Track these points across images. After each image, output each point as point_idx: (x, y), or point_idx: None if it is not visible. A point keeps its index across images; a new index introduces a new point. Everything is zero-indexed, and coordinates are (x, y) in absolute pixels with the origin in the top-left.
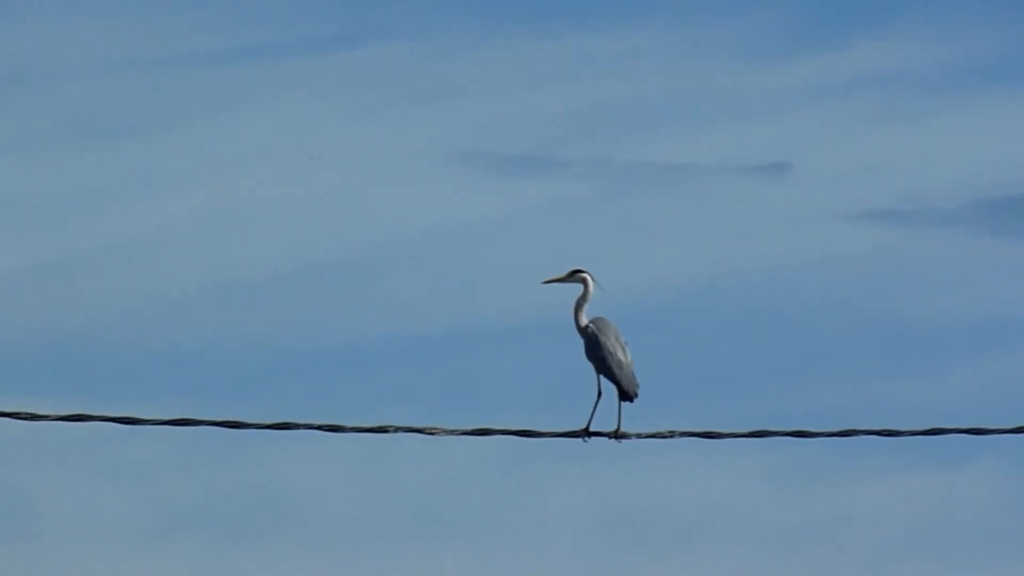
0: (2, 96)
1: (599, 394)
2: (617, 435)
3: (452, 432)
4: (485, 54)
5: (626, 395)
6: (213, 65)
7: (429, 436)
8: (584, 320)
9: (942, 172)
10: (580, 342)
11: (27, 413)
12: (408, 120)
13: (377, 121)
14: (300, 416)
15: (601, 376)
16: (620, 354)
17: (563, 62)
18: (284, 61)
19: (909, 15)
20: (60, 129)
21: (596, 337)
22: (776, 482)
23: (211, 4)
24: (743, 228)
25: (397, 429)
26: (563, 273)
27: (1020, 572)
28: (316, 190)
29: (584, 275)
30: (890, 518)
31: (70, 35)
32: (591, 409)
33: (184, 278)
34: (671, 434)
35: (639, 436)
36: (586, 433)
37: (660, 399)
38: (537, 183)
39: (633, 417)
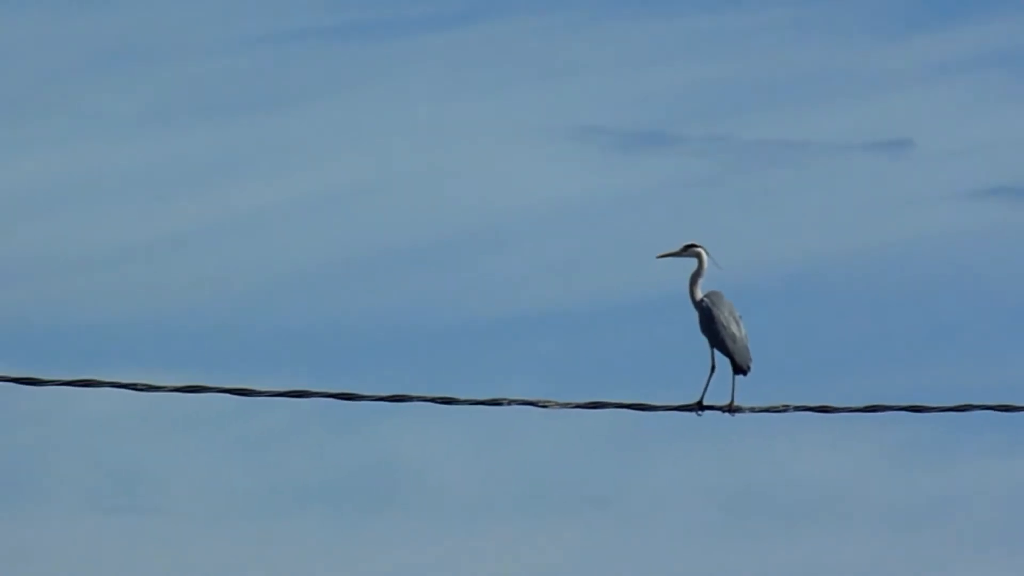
0: (123, 74)
1: (713, 368)
2: (731, 409)
3: (565, 405)
4: (607, 31)
5: (739, 368)
6: (337, 41)
7: (543, 409)
8: (699, 294)
9: None
10: (695, 317)
11: (144, 384)
12: (529, 97)
13: (499, 97)
14: (415, 389)
15: (715, 350)
16: (734, 328)
17: (684, 39)
18: (407, 37)
19: None
20: (177, 106)
21: (710, 311)
22: (892, 458)
23: None
24: (863, 205)
25: (511, 402)
26: (678, 247)
27: None
28: (435, 167)
29: (699, 249)
30: (1007, 496)
31: (194, 12)
32: (705, 383)
33: (301, 253)
34: (785, 408)
35: (753, 410)
36: (700, 407)
37: (775, 374)
38: (657, 160)
39: (747, 391)
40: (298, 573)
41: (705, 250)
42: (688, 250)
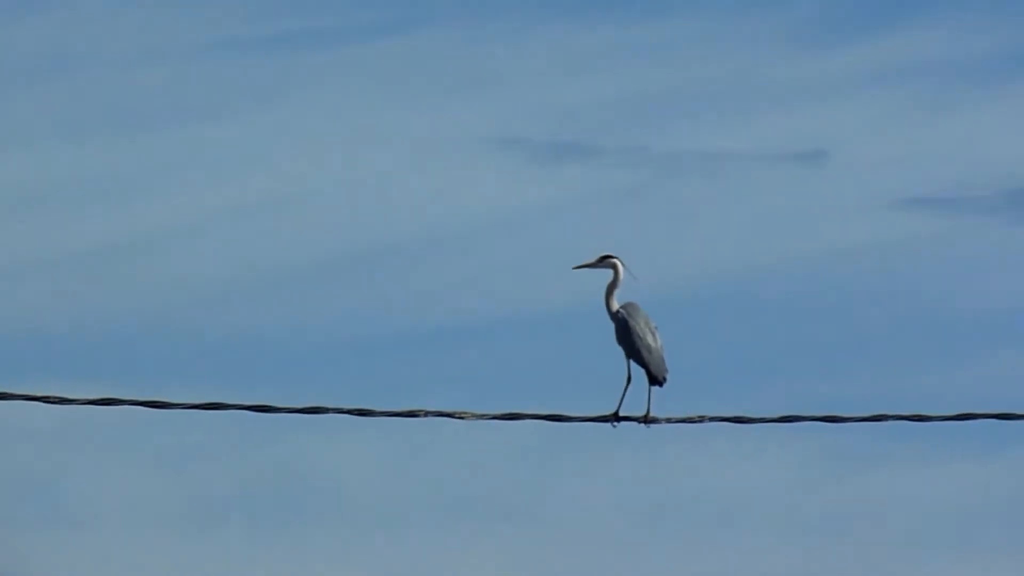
0: (49, 83)
1: (629, 379)
2: (647, 420)
3: (482, 416)
4: (528, 43)
5: (655, 379)
6: (263, 51)
7: (459, 420)
8: (615, 305)
9: (980, 161)
10: (611, 328)
11: (56, 397)
12: (450, 108)
13: (419, 108)
14: (330, 401)
15: (631, 361)
16: (650, 339)
17: (604, 51)
18: (331, 48)
19: (948, 4)
20: (101, 117)
21: (626, 321)
22: (807, 468)
23: None
24: (780, 216)
25: (427, 413)
26: (593, 258)
27: None
28: (354, 178)
29: (614, 260)
30: (921, 505)
31: (122, 23)
32: (621, 394)
33: (217, 265)
34: (701, 419)
35: (669, 421)
36: (615, 418)
37: (691, 385)
38: (577, 171)
39: (663, 402)
40: None
41: (621, 261)
42: (604, 261)
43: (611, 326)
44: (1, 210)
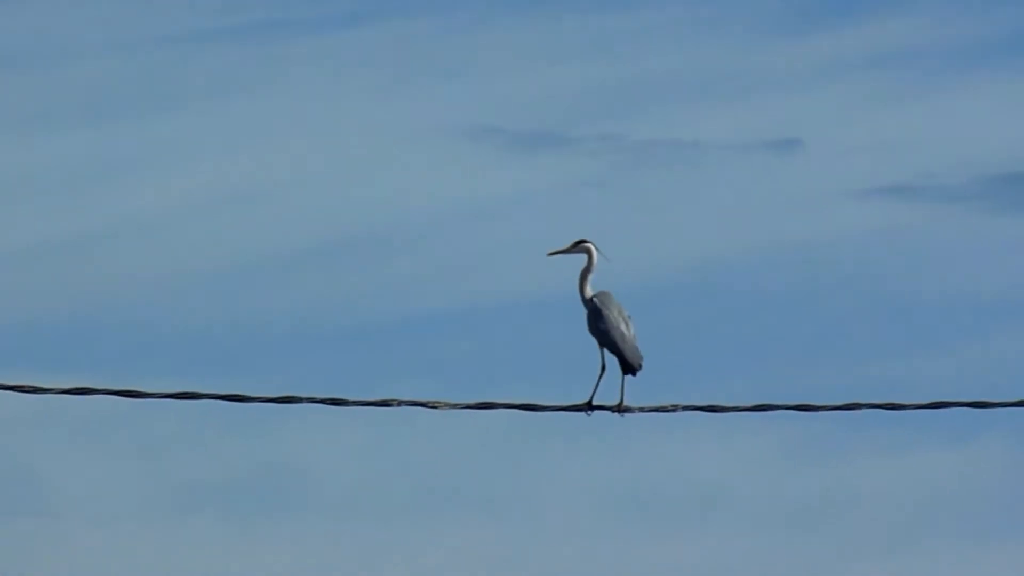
0: (9, 75)
1: (603, 368)
2: (620, 409)
3: (455, 406)
4: (499, 32)
5: (629, 367)
6: (230, 42)
7: (432, 410)
8: (589, 292)
9: (951, 149)
10: (584, 316)
11: (30, 386)
12: (422, 97)
13: (390, 99)
14: (304, 391)
15: (604, 350)
16: (623, 327)
17: (576, 40)
18: (302, 38)
19: None
20: (68, 108)
21: (599, 310)
22: (781, 457)
23: None
24: (754, 205)
25: (401, 403)
26: (567, 244)
27: None
28: (326, 168)
29: (588, 245)
30: (895, 493)
31: (84, 13)
32: (595, 383)
33: (190, 256)
34: (674, 408)
35: (642, 410)
36: (589, 407)
37: (665, 374)
38: (550, 160)
39: (637, 392)
40: (190, 575)
41: (594, 245)
42: (578, 246)
43: (584, 314)
44: None
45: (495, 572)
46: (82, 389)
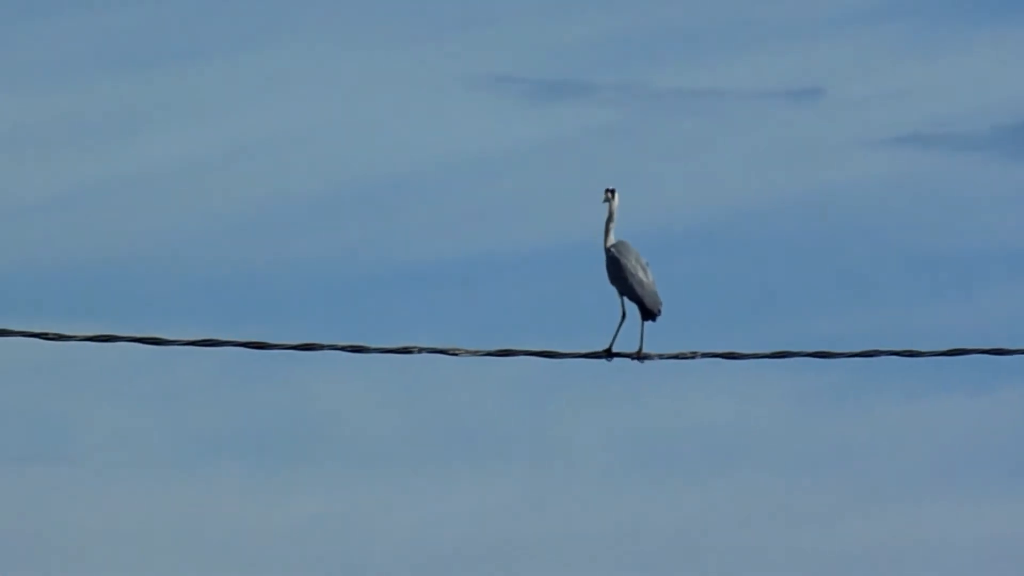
0: (33, 25)
1: (623, 316)
2: (639, 356)
3: (475, 353)
4: None
5: (649, 313)
6: None
7: (453, 357)
8: (611, 240)
9: (968, 98)
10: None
11: (54, 334)
12: (443, 46)
13: (410, 49)
14: (325, 338)
15: (624, 297)
16: (641, 274)
17: None
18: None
19: None
20: (98, 55)
21: (617, 259)
22: (798, 404)
23: None
24: (775, 154)
25: (421, 350)
26: (603, 197)
27: None
28: (348, 117)
29: (608, 193)
30: (913, 440)
31: None
32: (615, 330)
33: (212, 204)
34: (693, 355)
35: (661, 357)
36: (608, 354)
37: (684, 321)
38: (570, 109)
39: (657, 339)
40: (213, 522)
41: (613, 194)
42: (612, 195)
43: (604, 262)
44: (1, 148)
45: (514, 517)
46: (105, 336)
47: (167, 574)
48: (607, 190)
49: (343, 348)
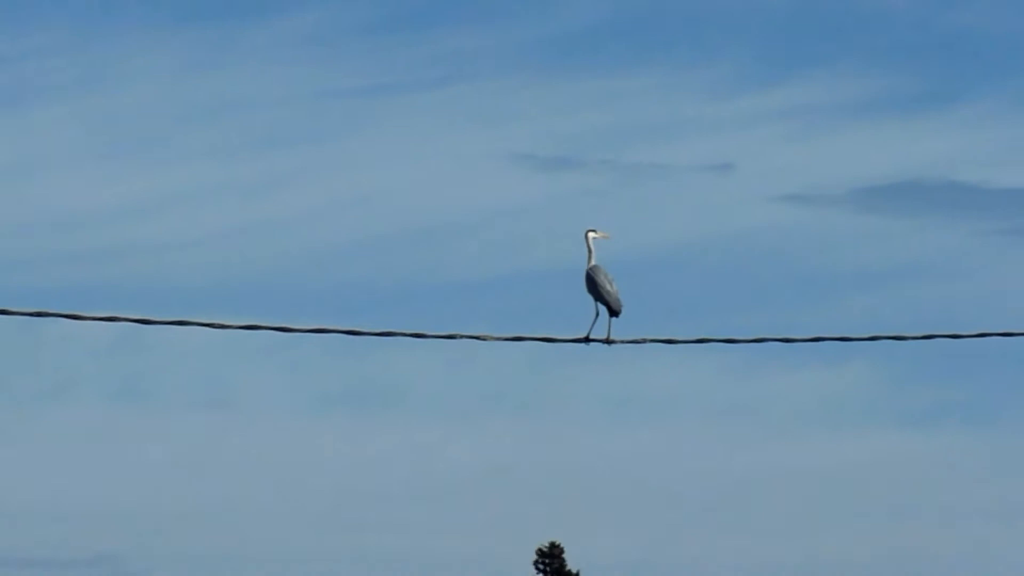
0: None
1: (596, 314)
2: (608, 341)
3: (498, 338)
4: (535, 91)
5: (614, 312)
6: (357, 97)
7: (482, 341)
8: (591, 264)
9: (833, 170)
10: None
11: (218, 324)
12: (483, 134)
13: (465, 135)
14: (400, 327)
15: (597, 303)
16: (608, 286)
17: (586, 96)
18: (410, 95)
19: (814, 69)
20: (249, 142)
21: (592, 276)
22: (716, 374)
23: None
24: (702, 206)
25: (461, 336)
26: (592, 236)
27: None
28: (417, 181)
29: (589, 236)
30: (787, 397)
31: (281, 70)
32: (591, 324)
33: (347, 234)
34: (644, 340)
35: (623, 342)
36: (587, 340)
37: (639, 318)
38: (567, 176)
39: (619, 330)
40: (324, 460)
41: (588, 237)
42: (590, 235)
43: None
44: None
45: (524, 446)
46: (253, 326)
47: (297, 484)
48: (587, 231)
49: (409, 334)
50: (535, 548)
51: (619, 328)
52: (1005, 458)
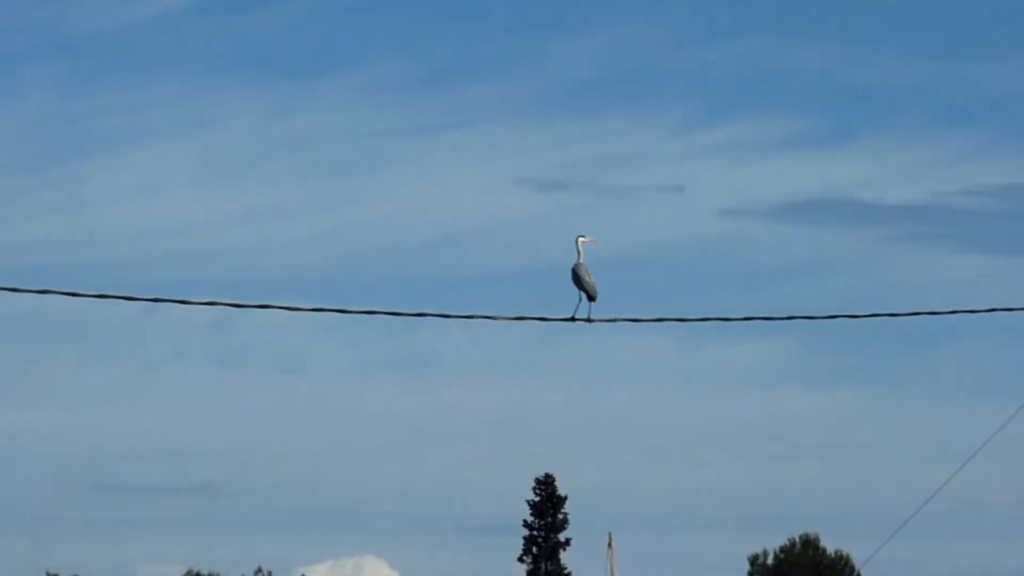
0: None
1: (579, 299)
2: (588, 319)
3: (506, 318)
4: (535, 130)
5: (591, 298)
6: (397, 137)
7: (494, 320)
8: (577, 261)
9: (762, 187)
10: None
11: (289, 306)
12: (494, 163)
13: (479, 164)
14: (437, 308)
15: (580, 291)
16: (588, 277)
17: (572, 134)
18: (435, 136)
19: (747, 114)
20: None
21: (576, 270)
22: (669, 344)
23: None
24: (660, 219)
25: (477, 316)
26: (583, 239)
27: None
28: (434, 200)
29: (578, 240)
30: (719, 368)
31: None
32: (575, 306)
33: (392, 237)
34: (616, 319)
35: (600, 320)
36: (572, 319)
37: (612, 301)
38: (558, 195)
39: (597, 311)
40: (372, 406)
41: (578, 242)
42: (580, 239)
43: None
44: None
45: (527, 402)
46: (320, 308)
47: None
48: (578, 236)
49: (439, 315)
50: (533, 477)
51: (597, 310)
52: (891, 410)
